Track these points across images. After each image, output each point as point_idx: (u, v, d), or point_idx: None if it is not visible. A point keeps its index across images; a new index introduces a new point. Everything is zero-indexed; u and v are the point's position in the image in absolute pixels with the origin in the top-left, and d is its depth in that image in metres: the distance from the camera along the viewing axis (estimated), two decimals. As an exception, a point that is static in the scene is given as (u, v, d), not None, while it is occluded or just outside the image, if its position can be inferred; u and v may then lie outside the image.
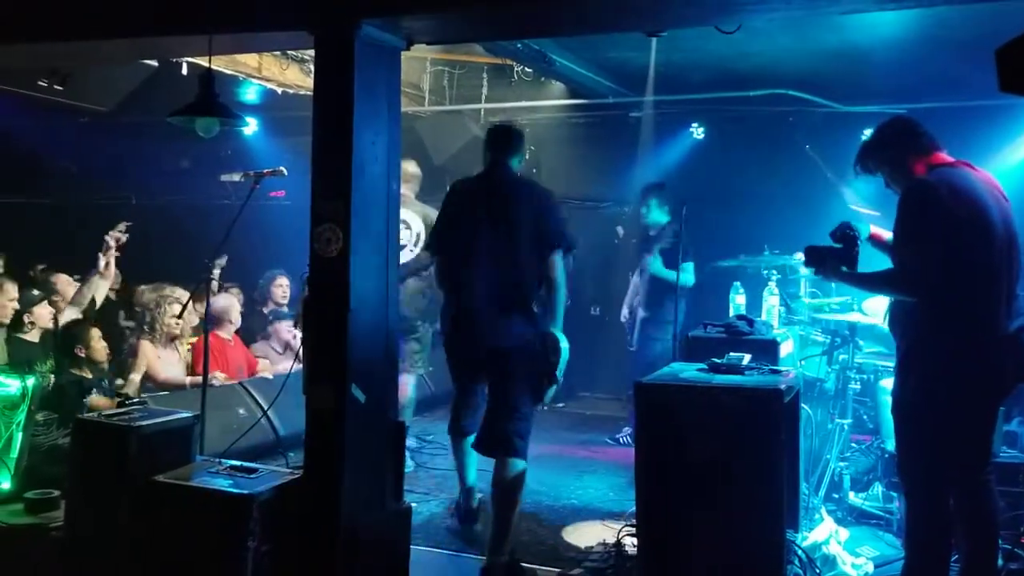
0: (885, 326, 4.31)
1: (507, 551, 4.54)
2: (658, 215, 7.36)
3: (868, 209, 6.68)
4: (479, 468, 6.13)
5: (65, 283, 6.91)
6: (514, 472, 4.63)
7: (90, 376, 5.42)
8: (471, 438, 4.95)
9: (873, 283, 4.23)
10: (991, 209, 3.82)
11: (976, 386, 3.76)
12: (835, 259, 4.13)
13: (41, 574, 4.13)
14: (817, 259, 4.21)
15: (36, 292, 6.37)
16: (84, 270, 7.55)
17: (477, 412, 4.94)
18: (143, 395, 5.83)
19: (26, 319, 5.99)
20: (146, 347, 6.56)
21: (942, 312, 3.77)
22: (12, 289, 5.96)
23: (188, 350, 6.93)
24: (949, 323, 3.76)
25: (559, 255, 4.70)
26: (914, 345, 3.91)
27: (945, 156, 4.00)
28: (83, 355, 5.41)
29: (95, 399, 5.23)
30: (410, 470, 5.89)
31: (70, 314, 6.14)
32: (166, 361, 6.64)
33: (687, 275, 6.79)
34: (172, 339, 6.73)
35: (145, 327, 6.64)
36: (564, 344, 4.67)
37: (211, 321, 6.69)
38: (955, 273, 3.74)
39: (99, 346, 5.51)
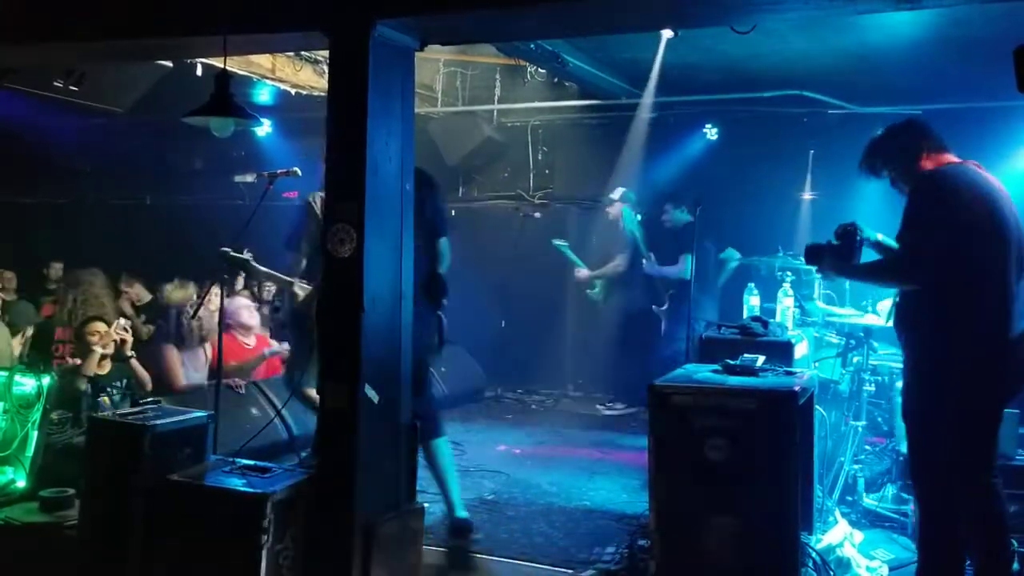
0: (889, 324, 4.29)
1: None
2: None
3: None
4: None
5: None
6: None
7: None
8: None
9: (873, 271, 4.20)
10: (1005, 208, 3.81)
11: (986, 386, 3.73)
12: (833, 255, 4.14)
13: (55, 572, 4.14)
14: (816, 257, 4.23)
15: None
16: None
17: None
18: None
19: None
20: (171, 353, 6.54)
21: (950, 307, 3.73)
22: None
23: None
24: (958, 320, 3.72)
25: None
26: (923, 344, 3.88)
27: (953, 157, 3.98)
28: (59, 352, 5.40)
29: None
30: None
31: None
32: (191, 367, 6.63)
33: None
34: (201, 340, 6.68)
35: (172, 332, 6.60)
36: None
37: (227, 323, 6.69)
38: (965, 267, 3.71)
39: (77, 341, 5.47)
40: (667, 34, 6.63)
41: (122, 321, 5.70)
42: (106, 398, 5.32)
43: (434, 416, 4.89)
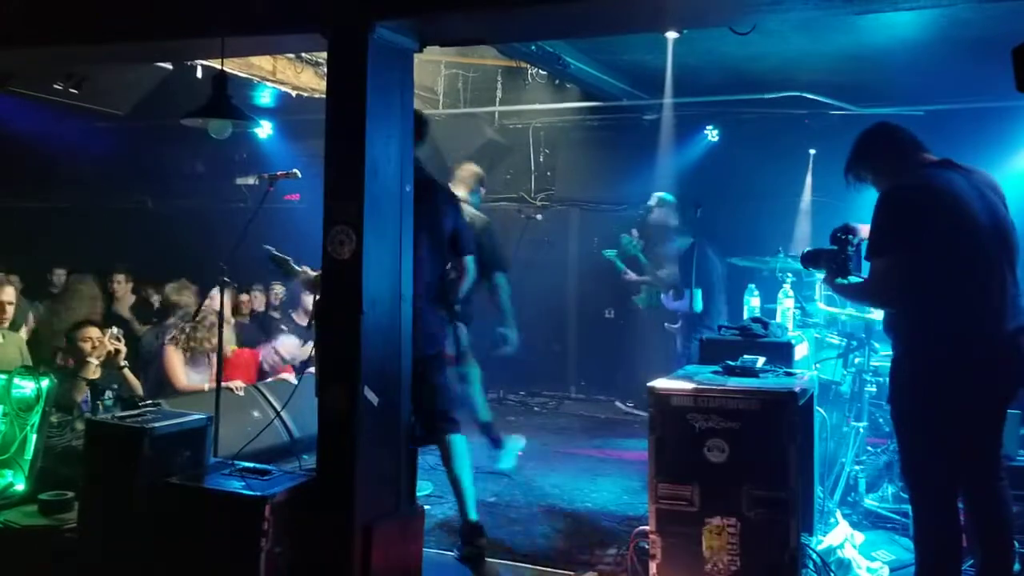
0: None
1: None
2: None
3: None
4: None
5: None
6: None
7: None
8: None
9: (853, 294, 4.21)
10: (972, 206, 3.73)
11: (967, 388, 3.66)
12: (827, 261, 4.13)
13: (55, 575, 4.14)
14: (812, 262, 4.22)
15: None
16: (101, 272, 7.58)
17: None
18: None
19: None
20: (172, 354, 6.53)
21: (924, 314, 3.71)
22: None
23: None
24: (932, 324, 3.70)
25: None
26: (903, 347, 3.87)
27: (928, 156, 3.94)
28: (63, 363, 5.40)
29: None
30: None
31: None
32: (193, 369, 6.62)
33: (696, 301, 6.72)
34: (208, 345, 6.63)
35: (177, 333, 6.57)
36: None
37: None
38: (933, 274, 3.68)
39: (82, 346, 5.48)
40: (672, 35, 6.60)
41: (114, 330, 5.68)
42: (100, 403, 5.30)
43: (443, 415, 4.77)
